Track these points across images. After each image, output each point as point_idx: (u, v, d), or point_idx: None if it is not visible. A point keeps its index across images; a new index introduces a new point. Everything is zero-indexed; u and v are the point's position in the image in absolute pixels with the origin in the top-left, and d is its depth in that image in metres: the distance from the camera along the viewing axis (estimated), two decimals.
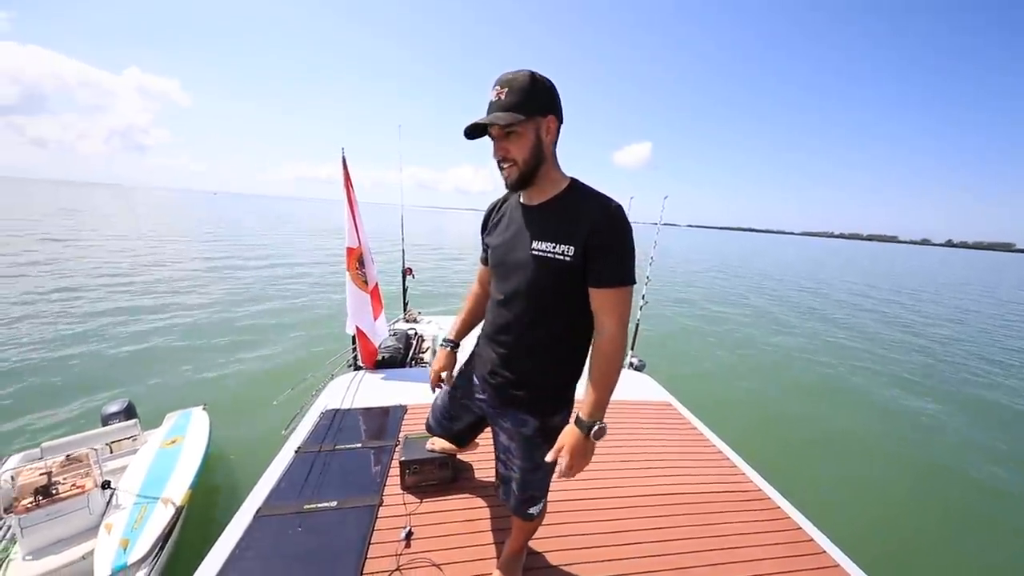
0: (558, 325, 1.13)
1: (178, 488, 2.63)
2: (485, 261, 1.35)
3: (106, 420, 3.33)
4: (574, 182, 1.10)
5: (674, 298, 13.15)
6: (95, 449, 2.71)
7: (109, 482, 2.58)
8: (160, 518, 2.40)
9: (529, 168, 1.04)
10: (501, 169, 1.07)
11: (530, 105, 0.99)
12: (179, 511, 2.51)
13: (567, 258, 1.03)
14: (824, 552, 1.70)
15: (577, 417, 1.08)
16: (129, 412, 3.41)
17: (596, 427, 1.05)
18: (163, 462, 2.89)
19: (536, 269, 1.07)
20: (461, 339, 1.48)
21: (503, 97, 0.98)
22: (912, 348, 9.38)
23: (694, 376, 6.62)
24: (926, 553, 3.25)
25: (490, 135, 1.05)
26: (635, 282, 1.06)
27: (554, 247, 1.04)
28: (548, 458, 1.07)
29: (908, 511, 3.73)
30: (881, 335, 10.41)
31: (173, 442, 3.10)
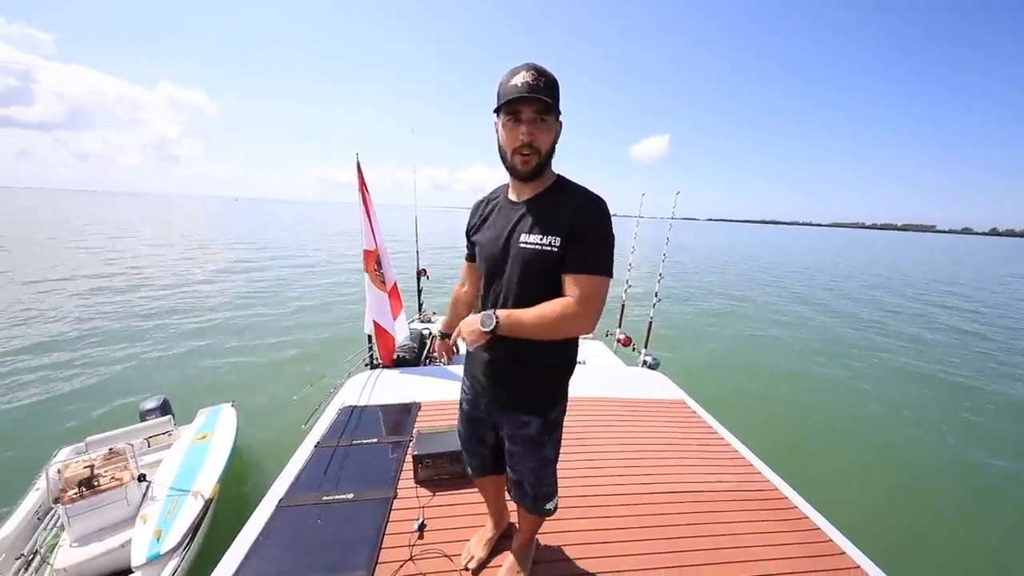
0: None
1: (207, 481, 2.77)
2: (471, 258, 1.37)
3: (143, 416, 3.53)
4: (560, 177, 1.13)
5: (687, 295, 12.88)
6: (131, 444, 2.89)
7: (145, 475, 2.74)
8: (191, 510, 2.53)
9: (544, 160, 1.06)
10: (516, 156, 1.04)
11: (558, 103, 1.01)
12: (208, 503, 2.64)
13: (554, 249, 1.04)
14: (844, 553, 1.66)
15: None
16: (164, 408, 3.61)
17: (489, 318, 1.03)
18: (194, 457, 3.04)
19: (525, 262, 1.08)
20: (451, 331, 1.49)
21: (541, 85, 0.98)
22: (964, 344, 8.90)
23: (711, 373, 6.48)
24: (953, 553, 3.11)
25: (514, 116, 1.01)
26: (611, 275, 1.05)
27: (542, 239, 1.06)
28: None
29: (939, 511, 3.58)
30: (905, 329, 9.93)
31: (203, 437, 3.26)
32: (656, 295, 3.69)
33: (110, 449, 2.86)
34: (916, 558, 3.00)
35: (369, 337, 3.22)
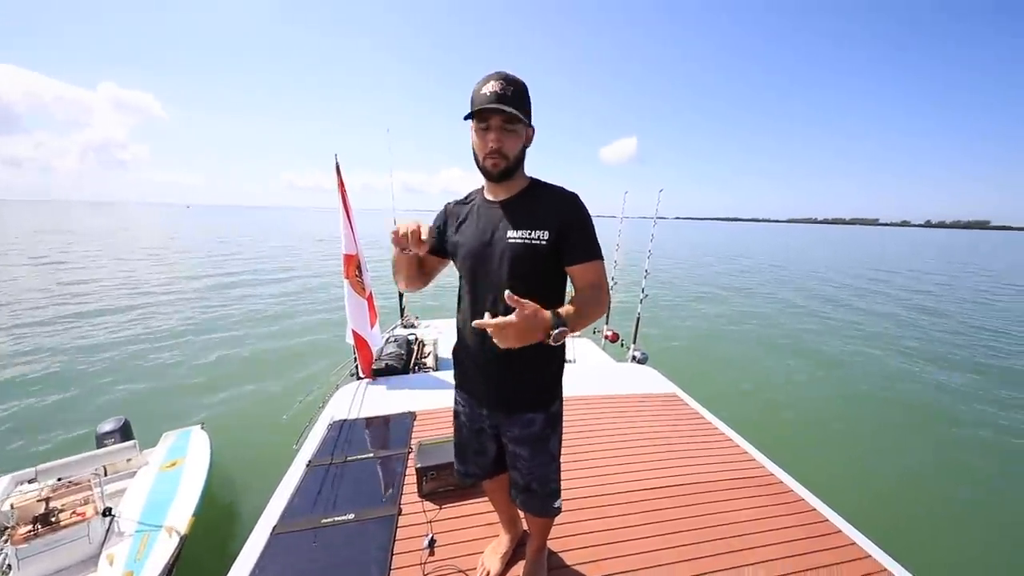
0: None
1: (181, 515, 2.51)
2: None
3: (101, 440, 3.19)
4: (534, 179, 1.20)
5: (670, 290, 13.29)
6: (96, 473, 2.61)
7: (110, 509, 2.48)
8: (164, 548, 2.28)
9: (512, 166, 1.11)
10: (487, 159, 1.09)
11: (526, 111, 1.08)
12: (183, 540, 2.40)
13: (544, 242, 1.11)
14: (840, 532, 1.73)
15: (556, 311, 1.00)
16: (126, 431, 3.27)
17: (560, 329, 0.96)
18: (164, 486, 2.78)
19: (514, 256, 1.12)
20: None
21: (509, 94, 1.04)
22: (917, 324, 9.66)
23: (700, 364, 6.67)
24: (949, 532, 3.24)
25: (484, 124, 1.07)
26: (603, 258, 1.16)
27: (530, 233, 1.11)
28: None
29: (929, 487, 3.73)
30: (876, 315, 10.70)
31: (173, 464, 3.00)
32: (643, 291, 3.75)
33: (68, 480, 2.57)
34: (912, 536, 3.08)
35: (353, 347, 3.08)
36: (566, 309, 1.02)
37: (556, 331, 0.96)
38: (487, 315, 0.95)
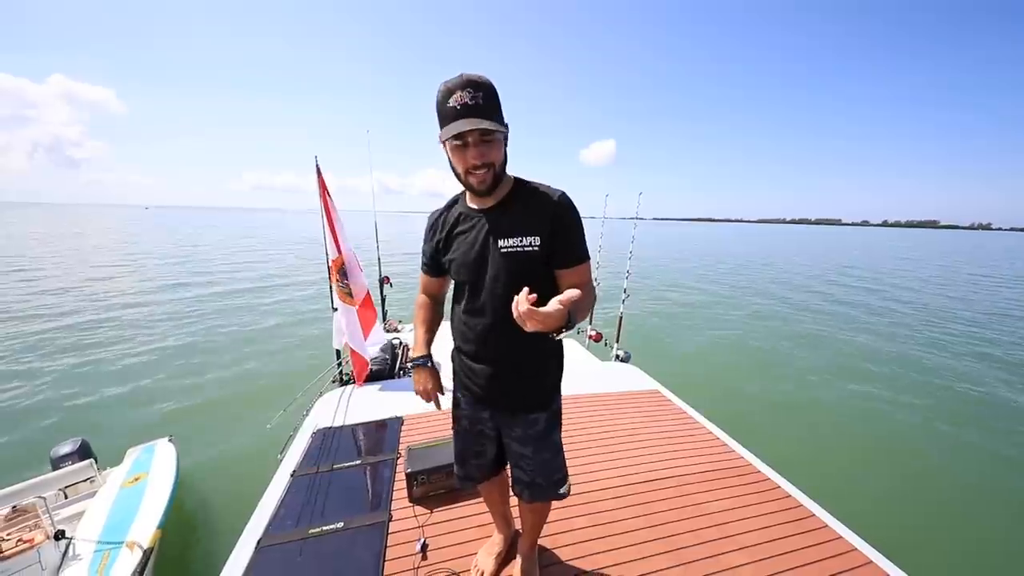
0: None
1: (144, 529, 2.38)
2: (432, 271, 1.31)
3: (57, 463, 2.96)
4: (517, 179, 1.16)
5: (650, 289, 13.60)
6: (43, 497, 2.42)
7: (63, 531, 2.30)
8: (125, 565, 2.16)
9: (500, 173, 1.07)
10: (471, 176, 1.04)
11: (500, 112, 1.02)
12: (148, 554, 2.27)
13: (535, 248, 1.09)
14: (813, 515, 1.82)
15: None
16: (84, 452, 3.05)
17: (563, 315, 0.92)
18: (125, 502, 2.62)
19: (507, 266, 1.10)
20: (430, 351, 1.37)
21: (480, 102, 0.97)
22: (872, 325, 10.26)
23: (681, 362, 6.83)
24: (934, 528, 3.30)
25: (460, 140, 1.00)
26: (589, 257, 1.18)
27: (521, 240, 1.09)
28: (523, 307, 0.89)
29: (914, 484, 3.79)
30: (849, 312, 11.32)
31: (136, 479, 2.81)
32: (624, 291, 3.84)
33: (13, 507, 2.37)
34: (898, 532, 3.07)
35: (337, 352, 2.99)
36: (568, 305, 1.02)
37: (569, 322, 0.94)
38: (519, 299, 0.87)
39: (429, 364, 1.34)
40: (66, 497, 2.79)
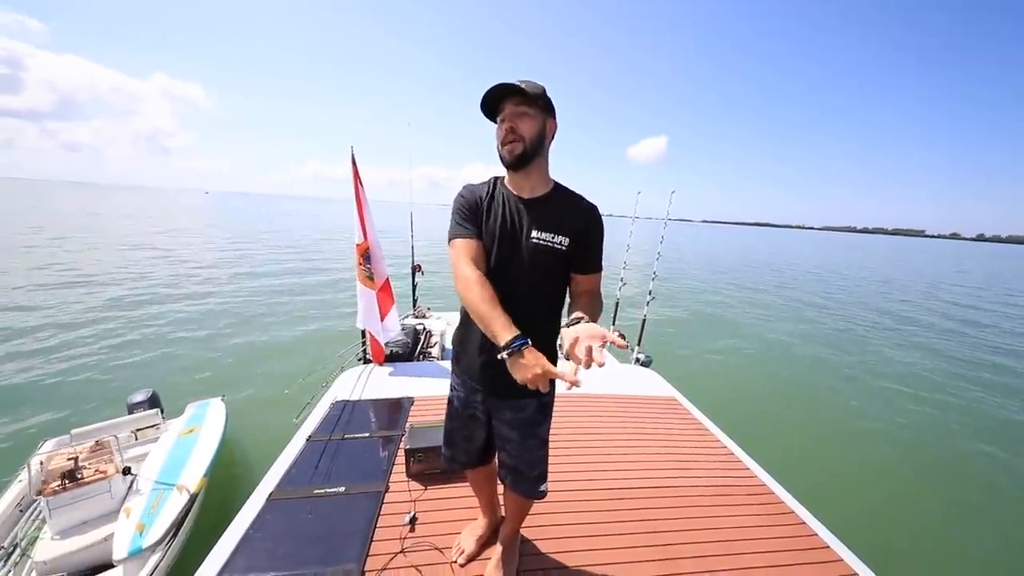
0: (550, 307, 1.23)
1: (193, 476, 2.72)
2: (477, 234, 1.19)
3: (131, 409, 3.47)
4: (558, 184, 1.23)
5: (679, 293, 12.98)
6: (116, 437, 2.83)
7: (130, 468, 2.69)
8: (175, 504, 2.48)
9: (530, 150, 1.11)
10: (504, 147, 1.12)
11: (543, 101, 1.11)
12: (193, 498, 2.59)
13: (563, 248, 1.15)
14: (828, 547, 1.68)
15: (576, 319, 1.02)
16: (153, 401, 3.55)
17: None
18: (180, 450, 3.00)
19: (535, 256, 1.15)
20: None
21: (518, 82, 1.08)
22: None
23: (702, 373, 6.53)
24: (938, 553, 3.14)
25: (499, 113, 1.11)
26: (603, 269, 1.24)
27: (552, 237, 1.14)
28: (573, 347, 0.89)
29: (922, 507, 3.61)
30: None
31: (191, 431, 3.21)
32: (651, 293, 3.70)
33: (96, 441, 2.81)
34: (904, 556, 2.98)
35: (362, 332, 3.20)
36: (582, 316, 1.04)
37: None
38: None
39: (529, 342, 1.02)
40: (136, 439, 3.26)
